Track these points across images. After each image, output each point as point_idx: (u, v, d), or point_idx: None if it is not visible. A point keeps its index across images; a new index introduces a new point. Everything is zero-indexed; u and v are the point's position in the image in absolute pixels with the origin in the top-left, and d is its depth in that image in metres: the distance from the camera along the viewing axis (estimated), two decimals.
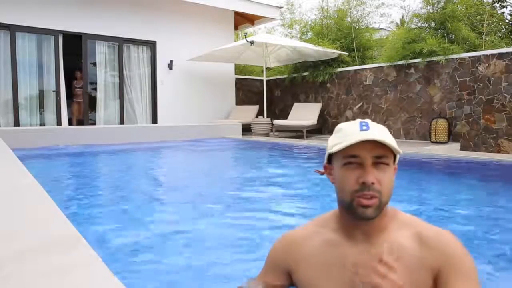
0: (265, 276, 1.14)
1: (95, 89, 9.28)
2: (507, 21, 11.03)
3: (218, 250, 2.06)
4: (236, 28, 12.07)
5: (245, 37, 8.80)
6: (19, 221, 1.33)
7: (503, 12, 11.64)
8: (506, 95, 6.33)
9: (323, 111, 9.61)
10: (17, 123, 7.91)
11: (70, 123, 9.05)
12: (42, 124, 8.35)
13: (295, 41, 10.19)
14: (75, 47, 8.76)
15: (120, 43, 9.19)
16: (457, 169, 4.61)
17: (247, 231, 2.38)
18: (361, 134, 0.93)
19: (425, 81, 7.55)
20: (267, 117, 9.83)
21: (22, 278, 0.84)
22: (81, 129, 7.54)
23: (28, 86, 8.14)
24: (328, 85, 9.64)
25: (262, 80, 11.10)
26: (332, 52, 9.03)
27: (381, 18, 22.15)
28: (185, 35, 10.04)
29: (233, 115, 10.66)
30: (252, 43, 8.77)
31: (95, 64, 9.17)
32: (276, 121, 9.21)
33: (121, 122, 9.28)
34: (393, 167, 0.99)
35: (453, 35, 7.54)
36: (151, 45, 9.62)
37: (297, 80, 10.44)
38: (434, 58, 7.23)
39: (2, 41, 7.81)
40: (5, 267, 0.89)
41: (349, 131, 0.97)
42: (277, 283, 1.11)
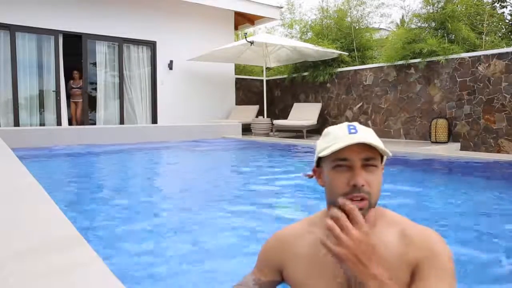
0: (257, 273, 1.17)
1: (95, 89, 9.28)
2: (507, 21, 11.03)
3: (218, 250, 2.06)
4: (236, 28, 12.07)
5: (245, 37, 8.80)
6: (19, 221, 1.33)
7: (503, 12, 11.65)
8: (506, 95, 6.33)
9: (323, 111, 9.61)
10: (17, 123, 7.92)
11: (70, 123, 9.05)
12: (42, 124, 8.35)
13: (295, 41, 10.19)
14: (75, 47, 8.76)
15: (120, 43, 9.19)
16: (457, 169, 4.61)
17: (247, 230, 2.38)
18: (350, 137, 0.95)
19: (425, 81, 7.55)
20: (267, 117, 9.83)
21: (22, 278, 0.84)
22: (81, 129, 7.54)
23: (28, 86, 8.15)
24: (328, 85, 9.64)
25: (262, 80, 11.11)
26: (332, 52, 9.03)
27: (381, 18, 22.18)
28: (185, 35, 10.05)
29: (233, 115, 10.66)
30: (252, 43, 8.77)
31: (95, 64, 9.18)
32: (276, 121, 9.21)
33: (121, 122, 9.28)
34: (381, 168, 1.01)
35: (453, 35, 7.54)
36: (151, 45, 9.63)
37: (297, 80, 10.44)
38: (434, 58, 7.23)
39: (2, 41, 7.81)
40: (5, 267, 0.89)
41: (337, 135, 0.98)
42: (268, 280, 1.14)
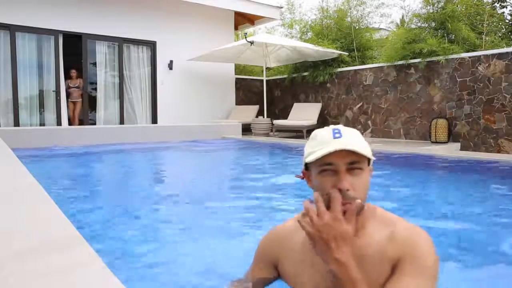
0: (254, 269, 1.20)
1: (95, 89, 9.28)
2: (507, 21, 11.04)
3: (218, 250, 2.06)
4: (236, 28, 12.07)
5: (245, 37, 8.79)
6: (19, 221, 1.33)
7: (503, 12, 11.66)
8: (506, 95, 6.33)
9: (323, 111, 9.61)
10: (17, 123, 7.92)
11: (69, 123, 9.04)
12: (42, 124, 8.35)
13: (295, 41, 10.19)
14: (75, 47, 8.76)
15: (120, 43, 9.19)
16: (457, 169, 4.61)
17: (246, 229, 2.38)
18: (334, 142, 0.97)
19: (425, 81, 7.55)
20: (267, 117, 9.83)
21: (22, 278, 0.84)
22: (81, 129, 7.54)
23: (28, 86, 8.15)
24: (328, 85, 9.64)
25: (262, 80, 11.11)
26: (332, 52, 9.03)
27: (381, 18, 22.18)
28: (185, 35, 10.05)
29: (233, 115, 10.66)
30: (252, 43, 8.77)
31: (95, 64, 9.18)
32: (276, 121, 9.21)
33: (121, 122, 9.28)
34: (368, 170, 1.02)
35: (453, 35, 7.54)
36: (151, 45, 9.63)
37: (297, 80, 10.44)
38: (434, 58, 7.23)
39: (2, 41, 7.82)
40: (5, 267, 0.89)
41: (323, 139, 1.00)
42: (265, 276, 1.17)
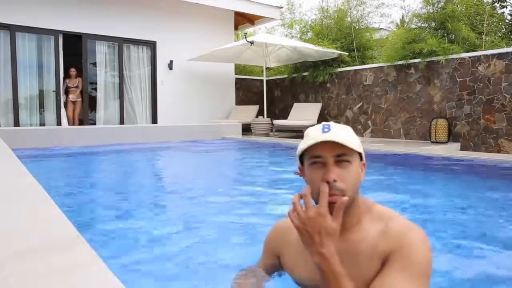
0: (263, 259, 1.31)
1: (95, 89, 9.28)
2: (507, 21, 11.04)
3: (218, 250, 2.06)
4: (236, 28, 12.07)
5: (245, 37, 8.79)
6: (19, 221, 1.33)
7: (503, 12, 11.66)
8: (506, 95, 6.33)
9: (323, 111, 9.61)
10: (17, 123, 7.92)
11: (69, 124, 9.03)
12: (42, 124, 8.35)
13: (295, 41, 10.19)
14: (75, 47, 8.76)
15: (120, 43, 9.19)
16: (457, 169, 4.61)
17: (245, 229, 2.38)
18: (321, 136, 1.02)
19: (425, 81, 7.55)
20: (267, 117, 9.83)
21: (22, 278, 0.84)
22: (81, 129, 7.54)
23: (28, 86, 8.15)
24: (328, 85, 9.64)
25: (262, 80, 11.11)
26: (332, 52, 9.03)
27: (381, 18, 22.18)
28: (185, 35, 10.05)
29: (233, 115, 10.66)
30: (252, 43, 8.77)
31: (95, 64, 9.18)
32: (276, 121, 9.21)
33: (121, 122, 9.28)
34: (357, 163, 1.05)
35: (453, 35, 7.54)
36: (151, 45, 9.63)
37: (297, 80, 10.44)
38: (434, 58, 7.23)
39: (2, 41, 7.82)
40: (5, 267, 0.89)
41: (312, 135, 1.05)
42: (271, 265, 1.27)
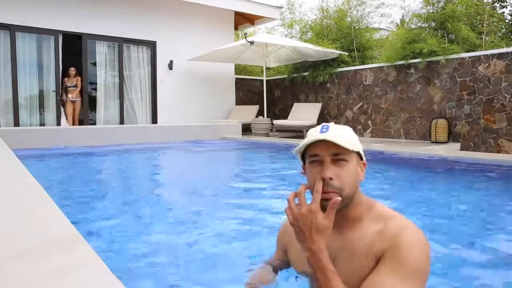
0: (275, 254, 1.38)
1: (95, 89, 9.28)
2: (507, 21, 11.04)
3: (218, 250, 2.06)
4: (236, 28, 12.07)
5: (245, 37, 8.79)
6: (19, 221, 1.33)
7: (503, 12, 11.66)
8: (506, 95, 6.33)
9: (323, 111, 9.61)
10: (17, 123, 7.92)
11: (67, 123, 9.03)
12: (42, 124, 8.35)
13: (295, 41, 10.19)
14: (75, 47, 8.76)
15: (120, 43, 9.19)
16: (457, 169, 4.62)
17: (245, 228, 2.38)
18: (318, 136, 1.05)
19: (425, 81, 7.55)
20: (267, 117, 9.83)
21: (22, 278, 0.84)
22: (81, 129, 7.54)
23: (28, 86, 8.15)
24: (328, 85, 9.64)
25: (262, 80, 11.11)
26: (332, 52, 9.03)
27: (381, 18, 22.10)
28: (185, 35, 10.05)
29: (233, 115, 10.66)
30: (252, 43, 8.77)
31: (95, 64, 9.18)
32: (276, 121, 9.20)
33: (121, 122, 9.28)
34: (355, 163, 1.08)
35: (453, 35, 7.54)
36: (151, 45, 9.63)
37: (297, 80, 10.43)
38: (434, 58, 7.23)
39: (2, 41, 7.82)
40: (5, 267, 0.89)
41: (311, 134, 1.09)
42: (282, 259, 1.33)
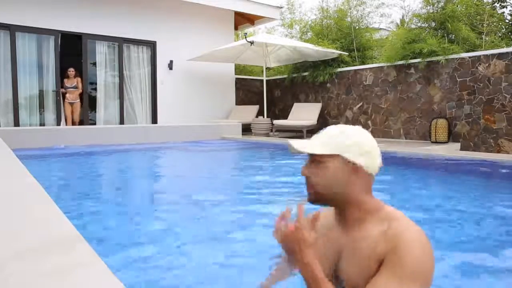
0: None
1: (95, 89, 9.28)
2: (507, 21, 11.03)
3: (219, 250, 2.06)
4: (236, 28, 12.07)
5: (245, 37, 8.79)
6: (19, 221, 1.33)
7: (503, 12, 11.65)
8: (506, 95, 6.33)
9: (323, 111, 9.61)
10: (17, 123, 7.91)
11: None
12: (42, 124, 8.35)
13: (295, 41, 10.19)
14: (75, 47, 8.75)
15: (120, 43, 9.19)
16: (457, 168, 4.61)
17: (245, 228, 2.38)
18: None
19: (425, 81, 7.55)
20: (267, 117, 9.83)
21: (22, 278, 0.84)
22: (81, 129, 7.54)
23: (28, 86, 8.14)
24: (328, 85, 9.64)
25: (262, 80, 11.11)
26: (332, 52, 9.03)
27: (381, 18, 22.07)
28: (185, 35, 10.05)
29: (233, 115, 10.66)
30: (252, 43, 8.77)
31: (95, 64, 9.17)
32: (276, 121, 9.20)
33: (121, 122, 9.28)
34: (337, 165, 1.10)
35: (453, 35, 7.53)
36: (151, 45, 9.63)
37: (297, 80, 10.43)
38: (434, 58, 7.22)
39: (2, 41, 7.81)
40: (5, 267, 0.89)
41: None
42: None
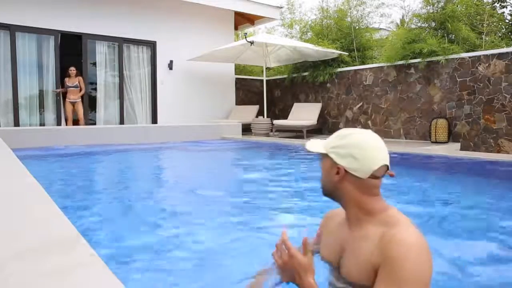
0: (316, 236, 1.45)
1: (95, 89, 9.28)
2: (507, 21, 11.03)
3: (218, 250, 2.06)
4: (236, 28, 12.07)
5: (245, 37, 8.79)
6: (19, 221, 1.33)
7: (503, 12, 11.65)
8: (506, 95, 6.33)
9: (323, 111, 9.61)
10: (17, 123, 7.92)
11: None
12: (42, 124, 8.35)
13: (295, 41, 10.19)
14: (75, 47, 8.75)
15: (120, 43, 9.19)
16: (457, 169, 4.61)
17: (245, 229, 2.38)
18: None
19: (425, 81, 7.55)
20: (267, 117, 9.83)
21: (22, 278, 0.84)
22: (81, 129, 7.53)
23: (28, 86, 8.14)
24: (328, 85, 9.64)
25: (262, 80, 11.11)
26: (332, 52, 9.03)
27: (381, 18, 22.07)
28: (185, 35, 10.05)
29: (233, 115, 10.66)
30: (252, 43, 8.77)
31: (95, 64, 9.17)
32: (276, 121, 9.20)
33: (121, 122, 9.28)
34: (326, 163, 1.17)
35: (453, 35, 7.53)
36: (151, 45, 9.63)
37: (297, 80, 10.43)
38: (434, 58, 7.22)
39: (2, 41, 7.81)
40: (5, 267, 0.89)
41: None
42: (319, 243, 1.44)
